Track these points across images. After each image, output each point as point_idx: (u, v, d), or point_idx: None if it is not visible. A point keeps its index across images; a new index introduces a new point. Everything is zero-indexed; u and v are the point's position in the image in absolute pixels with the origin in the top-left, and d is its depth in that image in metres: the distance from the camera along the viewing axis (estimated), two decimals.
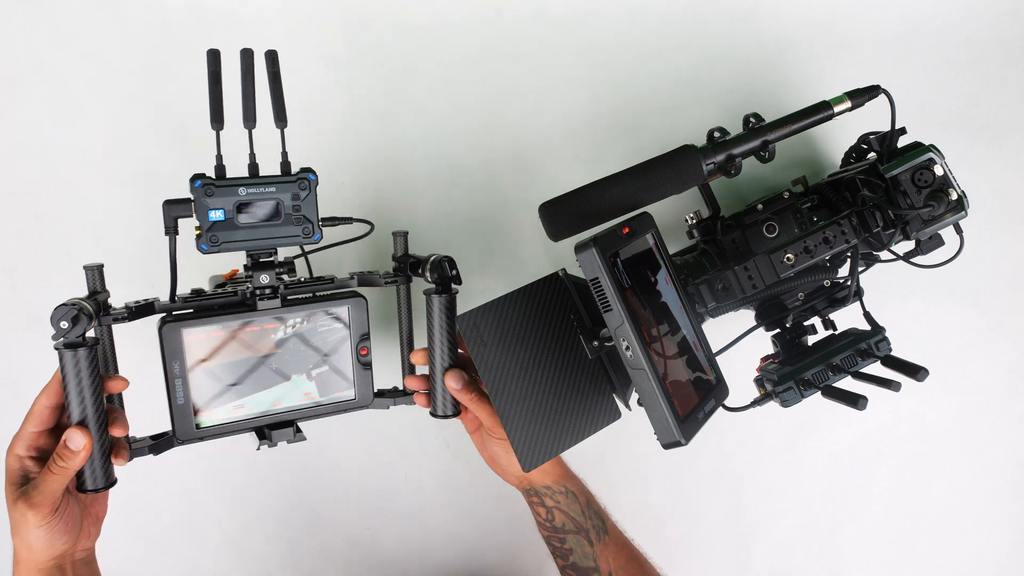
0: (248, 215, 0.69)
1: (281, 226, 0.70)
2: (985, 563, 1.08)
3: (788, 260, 0.77)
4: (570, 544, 0.80)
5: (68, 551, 0.67)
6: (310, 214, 0.71)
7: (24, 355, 0.97)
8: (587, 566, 0.80)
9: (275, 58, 0.68)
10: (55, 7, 0.89)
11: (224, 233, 0.68)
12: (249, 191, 0.68)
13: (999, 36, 0.93)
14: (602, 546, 0.80)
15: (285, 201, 0.70)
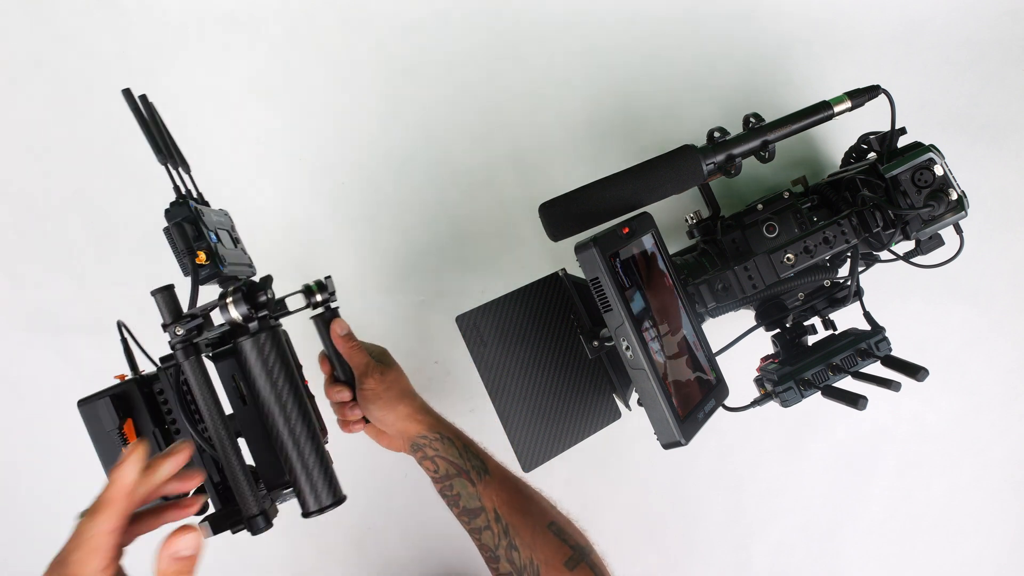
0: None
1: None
2: (985, 563, 1.08)
3: (788, 260, 0.77)
4: (456, 488, 0.81)
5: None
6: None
7: (24, 355, 0.97)
8: (473, 507, 0.81)
9: (142, 99, 0.64)
10: (55, 7, 0.89)
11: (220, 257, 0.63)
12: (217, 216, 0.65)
13: (999, 36, 0.93)
14: (483, 485, 0.81)
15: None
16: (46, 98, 0.91)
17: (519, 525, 0.79)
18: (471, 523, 0.81)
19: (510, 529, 0.79)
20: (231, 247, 0.66)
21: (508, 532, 0.79)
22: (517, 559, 0.79)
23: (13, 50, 0.90)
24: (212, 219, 0.65)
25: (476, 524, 0.81)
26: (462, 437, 0.83)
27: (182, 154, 0.66)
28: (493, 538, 0.80)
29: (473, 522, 0.81)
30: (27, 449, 0.99)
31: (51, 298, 0.95)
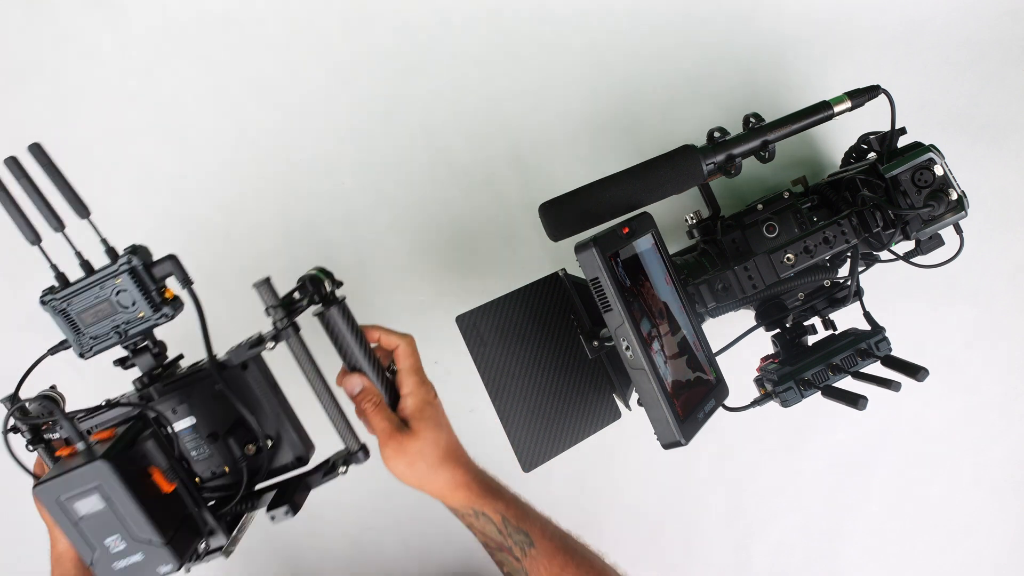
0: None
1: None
2: (985, 563, 1.08)
3: (788, 260, 0.77)
4: (499, 558, 0.78)
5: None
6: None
7: (24, 355, 0.97)
8: None
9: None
10: (55, 7, 0.89)
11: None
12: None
13: (999, 36, 0.93)
14: (529, 560, 0.76)
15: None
16: (46, 98, 0.91)
17: None
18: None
19: None
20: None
21: None
22: None
23: (13, 50, 0.90)
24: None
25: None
26: (500, 511, 0.75)
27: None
28: None
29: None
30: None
31: None
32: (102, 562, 0.63)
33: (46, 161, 0.66)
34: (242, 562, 1.01)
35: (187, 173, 0.92)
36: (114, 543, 0.63)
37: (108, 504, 0.62)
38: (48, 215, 0.66)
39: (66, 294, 0.67)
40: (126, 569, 0.64)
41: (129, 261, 0.66)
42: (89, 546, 0.63)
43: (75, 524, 0.63)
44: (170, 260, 0.66)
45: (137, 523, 0.62)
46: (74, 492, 0.62)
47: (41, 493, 0.62)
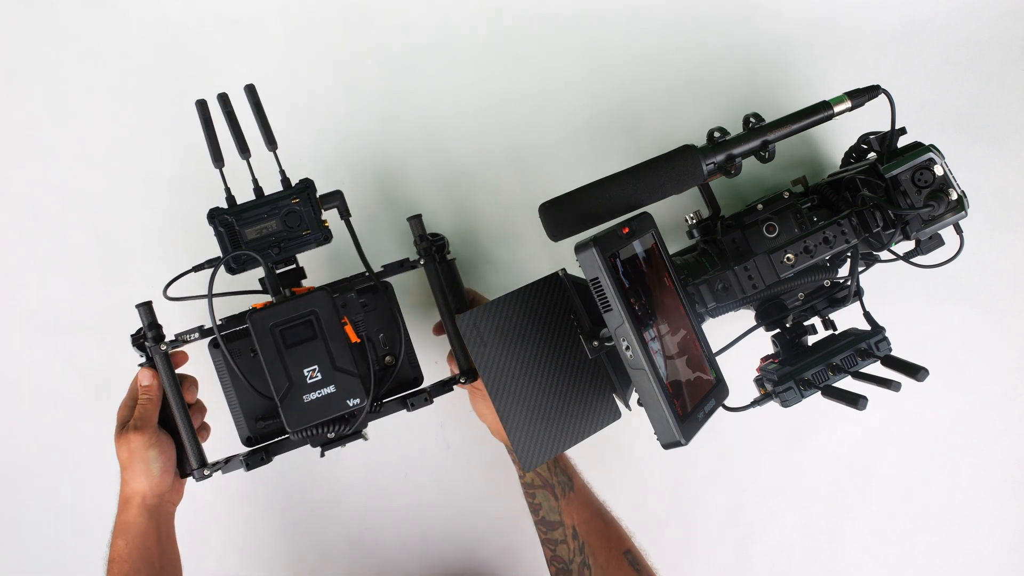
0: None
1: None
2: (985, 563, 1.08)
3: (788, 260, 0.77)
4: (539, 499, 0.85)
5: (166, 496, 0.79)
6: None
7: (24, 355, 0.97)
8: (553, 520, 0.84)
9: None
10: (55, 7, 0.89)
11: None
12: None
13: (999, 36, 0.93)
14: (566, 501, 0.84)
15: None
16: (46, 98, 0.91)
17: (596, 546, 0.82)
18: (548, 534, 0.85)
19: (586, 548, 0.82)
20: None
21: (584, 551, 0.82)
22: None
23: (13, 50, 0.90)
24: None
25: (553, 536, 0.84)
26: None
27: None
28: (568, 552, 0.83)
29: (550, 533, 0.84)
30: (27, 449, 0.99)
31: (51, 298, 0.95)
32: (293, 395, 0.69)
33: (254, 100, 0.74)
34: (242, 562, 1.01)
35: (187, 173, 0.92)
36: (311, 374, 0.70)
37: (316, 333, 0.70)
38: (240, 144, 0.73)
39: (237, 210, 0.73)
40: (317, 400, 0.70)
41: (306, 186, 0.75)
42: (287, 377, 0.69)
43: (282, 351, 0.69)
44: (338, 194, 0.77)
45: (340, 353, 0.70)
46: (290, 318, 0.70)
47: (257, 320, 0.69)
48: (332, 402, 0.70)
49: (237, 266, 0.73)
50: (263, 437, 0.81)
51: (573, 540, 0.83)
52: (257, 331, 0.69)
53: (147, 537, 0.77)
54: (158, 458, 0.76)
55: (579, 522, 0.83)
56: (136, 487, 0.77)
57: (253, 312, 0.70)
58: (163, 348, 0.76)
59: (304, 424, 0.70)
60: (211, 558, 0.99)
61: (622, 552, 0.83)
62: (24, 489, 1.00)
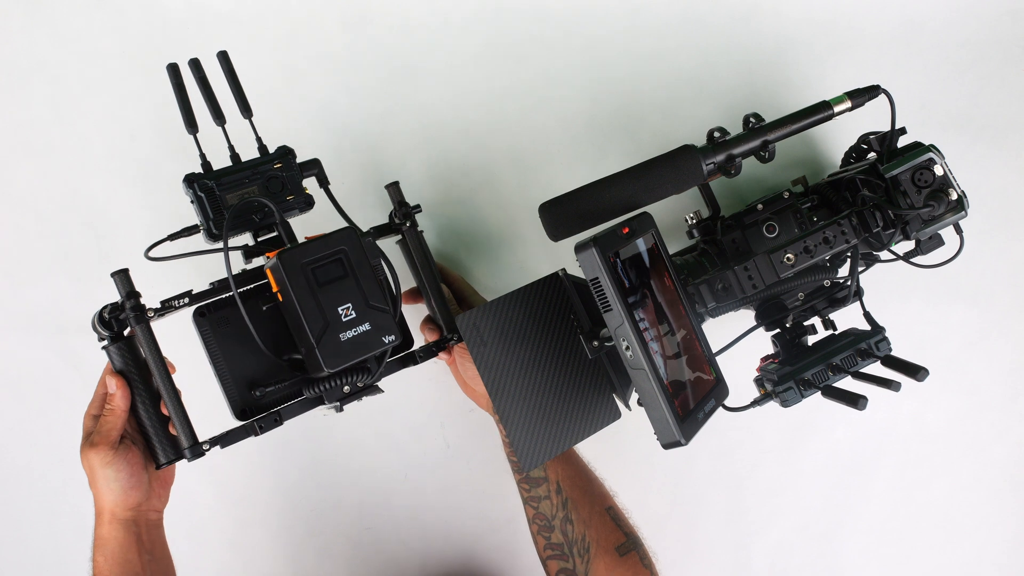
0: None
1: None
2: (985, 563, 1.08)
3: (788, 260, 0.77)
4: None
5: (142, 506, 0.75)
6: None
7: (24, 355, 0.97)
8: (537, 475, 0.84)
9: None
10: (55, 7, 0.89)
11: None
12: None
13: (999, 36, 0.93)
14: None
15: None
16: (46, 98, 0.91)
17: (578, 501, 0.82)
18: (531, 491, 0.85)
19: (569, 503, 0.82)
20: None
21: (567, 505, 0.82)
22: (570, 532, 0.82)
23: (13, 50, 0.90)
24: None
25: (536, 493, 0.85)
26: None
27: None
28: (551, 508, 0.83)
29: (533, 490, 0.85)
30: (27, 449, 0.99)
31: (51, 298, 0.95)
32: (330, 335, 0.68)
33: (227, 68, 0.74)
34: (242, 562, 1.01)
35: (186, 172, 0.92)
36: (345, 312, 0.68)
37: (347, 271, 0.69)
38: (214, 110, 0.73)
39: (218, 173, 0.72)
40: (353, 338, 0.69)
41: (286, 152, 0.74)
42: (322, 316, 0.68)
43: (315, 291, 0.67)
44: (316, 162, 0.77)
45: (372, 289, 0.69)
46: (320, 256, 0.68)
47: (285, 260, 0.67)
48: (369, 339, 0.69)
49: (218, 231, 0.70)
50: (260, 408, 0.74)
51: (556, 495, 0.83)
52: (288, 270, 0.67)
53: (126, 550, 0.74)
54: (117, 476, 0.72)
55: (563, 477, 0.83)
56: (103, 503, 0.74)
57: (283, 252, 0.67)
58: (148, 316, 0.70)
59: (344, 363, 0.68)
60: (211, 558, 0.99)
61: (604, 507, 0.84)
62: (24, 489, 1.00)
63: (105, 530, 0.74)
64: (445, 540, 1.03)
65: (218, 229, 0.70)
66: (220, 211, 0.71)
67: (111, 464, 0.72)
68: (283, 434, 0.75)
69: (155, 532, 0.78)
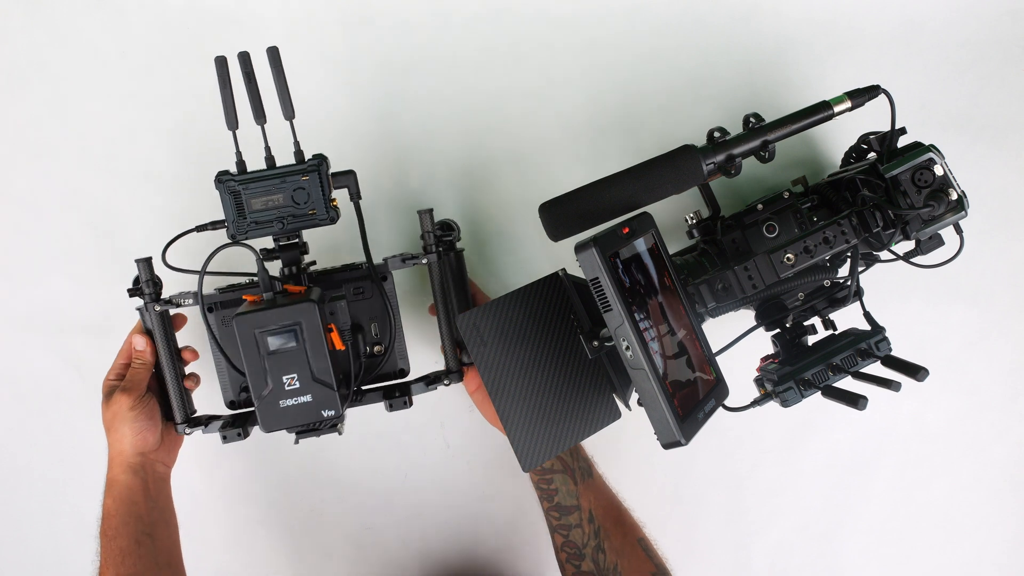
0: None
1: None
2: (985, 563, 1.08)
3: (788, 260, 0.77)
4: (556, 484, 0.85)
5: (151, 455, 0.82)
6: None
7: (24, 355, 0.97)
8: (569, 504, 0.85)
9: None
10: (55, 7, 0.89)
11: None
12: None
13: (999, 36, 0.93)
14: (584, 486, 0.85)
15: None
16: (46, 98, 0.91)
17: (611, 531, 0.83)
18: (561, 519, 0.86)
19: (601, 532, 0.83)
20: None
21: (599, 534, 0.83)
22: (602, 561, 0.82)
23: (13, 50, 0.90)
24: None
25: (567, 521, 0.85)
26: None
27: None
28: (583, 537, 0.84)
29: (564, 518, 0.85)
30: (27, 449, 0.99)
31: (51, 298, 0.95)
32: (270, 399, 0.71)
33: (276, 62, 0.71)
34: (242, 562, 1.01)
35: (187, 173, 0.92)
36: (290, 381, 0.71)
37: (299, 344, 0.70)
38: (257, 108, 0.72)
39: (245, 178, 0.73)
40: (293, 407, 0.71)
41: (319, 164, 0.73)
42: (265, 381, 0.70)
43: (262, 357, 0.70)
44: (350, 174, 0.76)
45: (319, 365, 0.70)
46: (274, 326, 0.69)
47: (240, 323, 0.69)
48: (308, 410, 0.71)
49: (239, 234, 0.73)
50: (245, 404, 0.83)
51: (588, 524, 0.84)
52: (241, 334, 0.69)
53: (133, 492, 0.80)
54: (136, 418, 0.79)
55: (596, 507, 0.84)
56: (118, 448, 0.80)
57: (238, 314, 0.70)
58: (157, 309, 0.79)
59: (278, 428, 0.72)
60: (211, 558, 0.99)
61: (636, 539, 0.85)
62: (24, 489, 1.00)
63: (115, 472, 0.81)
64: (445, 540, 1.03)
65: (238, 232, 0.73)
66: (243, 214, 0.73)
67: (134, 408, 0.79)
68: (283, 433, 0.75)
69: (162, 485, 0.84)
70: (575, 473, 0.85)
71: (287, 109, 0.72)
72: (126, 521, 0.79)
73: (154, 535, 0.80)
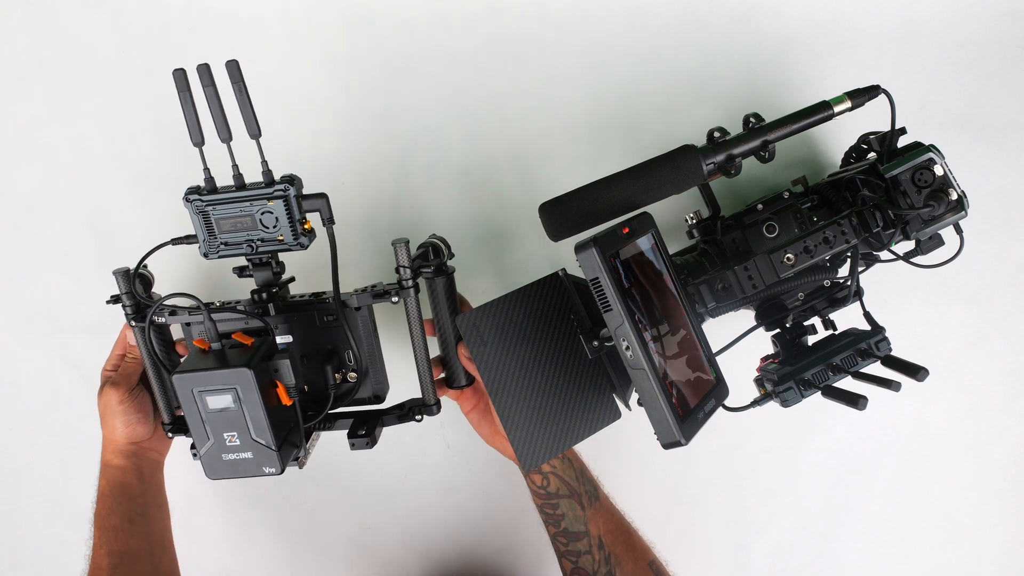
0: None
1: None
2: (985, 563, 1.08)
3: (788, 260, 0.77)
4: (563, 509, 0.83)
5: (143, 443, 0.84)
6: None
7: (24, 355, 0.97)
8: (577, 530, 0.82)
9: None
10: (55, 7, 0.89)
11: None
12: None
13: (999, 36, 0.93)
14: (592, 511, 0.83)
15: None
16: (46, 98, 0.91)
17: (622, 556, 0.82)
18: (569, 545, 0.83)
19: (612, 558, 0.82)
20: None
21: (609, 561, 0.82)
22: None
23: (13, 50, 0.90)
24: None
25: (575, 547, 0.83)
26: (580, 460, 0.85)
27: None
28: (593, 564, 0.82)
29: (572, 544, 0.83)
30: (27, 449, 0.99)
31: (51, 298, 0.95)
32: (212, 452, 0.71)
33: (237, 77, 0.68)
34: (242, 561, 1.01)
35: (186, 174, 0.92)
36: (230, 439, 0.70)
37: (237, 405, 0.69)
38: (221, 125, 0.69)
39: (213, 199, 0.71)
40: (234, 462, 0.71)
41: (286, 189, 0.71)
42: (206, 435, 0.71)
43: (201, 415, 0.69)
44: (322, 198, 0.72)
45: (258, 427, 0.70)
46: (212, 387, 0.68)
47: (179, 381, 0.69)
48: (249, 466, 0.72)
49: (211, 252, 0.73)
50: None
51: (599, 551, 0.82)
52: (180, 391, 0.69)
53: (125, 474, 0.82)
54: (127, 411, 0.81)
55: (605, 532, 0.82)
56: (110, 436, 0.83)
57: (177, 371, 0.69)
58: (134, 325, 0.79)
59: (222, 477, 0.72)
60: (211, 558, 1.00)
61: (647, 562, 0.83)
62: (24, 488, 1.00)
63: (108, 456, 0.83)
64: (445, 540, 1.03)
65: (209, 250, 0.73)
66: (214, 233, 0.72)
67: (125, 402, 0.81)
68: None
69: (155, 470, 0.86)
70: (581, 497, 0.83)
71: (252, 127, 0.69)
72: (119, 500, 0.81)
73: (147, 515, 0.82)
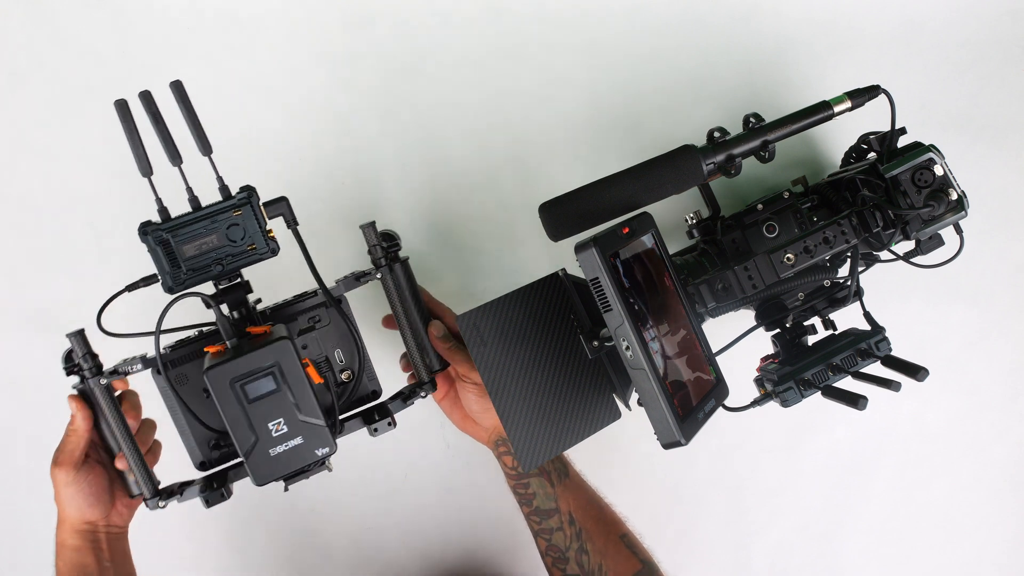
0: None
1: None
2: (985, 563, 1.08)
3: (788, 260, 0.77)
4: (533, 488, 0.84)
5: (100, 521, 0.76)
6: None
7: (24, 355, 0.97)
8: (548, 507, 0.83)
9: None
10: (55, 7, 0.89)
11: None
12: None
13: (999, 36, 0.93)
14: (562, 488, 0.83)
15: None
16: (46, 98, 0.91)
17: (592, 531, 0.82)
18: (542, 523, 0.84)
19: (583, 533, 0.82)
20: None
21: (581, 536, 0.82)
22: (586, 563, 0.81)
23: (13, 50, 0.90)
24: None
25: (548, 525, 0.84)
26: None
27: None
28: (565, 540, 0.83)
29: (545, 522, 0.84)
30: (27, 449, 0.99)
31: (51, 298, 0.95)
32: (259, 451, 0.66)
33: (182, 97, 0.67)
34: (242, 561, 1.01)
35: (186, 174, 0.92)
36: (276, 427, 0.66)
37: (279, 385, 0.65)
38: (170, 149, 0.67)
39: (172, 225, 0.68)
40: (284, 453, 0.67)
41: (249, 196, 0.69)
42: (252, 431, 0.66)
43: (245, 407, 0.65)
44: (283, 201, 0.71)
45: (305, 403, 0.66)
46: (251, 370, 0.65)
47: (213, 377, 0.64)
48: (300, 453, 0.67)
49: (176, 285, 0.68)
50: (219, 460, 0.77)
51: (569, 527, 0.83)
52: (216, 388, 0.64)
53: (83, 555, 0.75)
54: (76, 495, 0.73)
55: (575, 508, 0.83)
56: (63, 514, 0.76)
57: (209, 368, 0.65)
58: (103, 383, 0.72)
59: (272, 478, 0.67)
60: (211, 558, 0.99)
61: (619, 535, 0.83)
62: (24, 488, 1.00)
63: (64, 536, 0.76)
64: (445, 540, 1.03)
65: (175, 283, 0.68)
66: (177, 263, 0.68)
67: (73, 483, 0.73)
68: None
69: (116, 543, 0.78)
70: (551, 475, 0.84)
71: (203, 144, 0.68)
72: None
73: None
